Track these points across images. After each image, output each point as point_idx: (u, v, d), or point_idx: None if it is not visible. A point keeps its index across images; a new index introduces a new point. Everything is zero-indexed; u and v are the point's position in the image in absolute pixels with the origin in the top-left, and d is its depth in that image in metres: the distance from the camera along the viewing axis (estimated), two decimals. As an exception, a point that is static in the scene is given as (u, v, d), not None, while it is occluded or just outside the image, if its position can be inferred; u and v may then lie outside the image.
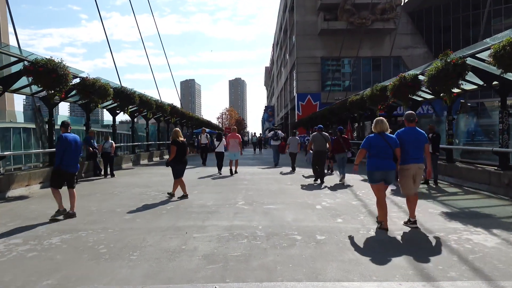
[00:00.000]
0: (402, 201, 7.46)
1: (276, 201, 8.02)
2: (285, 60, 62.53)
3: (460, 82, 9.47)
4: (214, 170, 14.81)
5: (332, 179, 12.04)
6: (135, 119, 20.53)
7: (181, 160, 8.87)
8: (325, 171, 12.16)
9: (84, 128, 17.18)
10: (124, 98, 14.28)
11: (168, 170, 9.42)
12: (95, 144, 13.78)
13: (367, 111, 18.09)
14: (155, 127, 26.78)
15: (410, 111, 6.05)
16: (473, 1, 48.16)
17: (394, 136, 5.77)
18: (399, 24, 46.48)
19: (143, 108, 17.22)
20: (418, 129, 5.88)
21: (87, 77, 11.74)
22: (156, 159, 23.49)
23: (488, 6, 24.98)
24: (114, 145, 13.62)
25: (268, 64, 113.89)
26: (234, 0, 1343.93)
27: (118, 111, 16.39)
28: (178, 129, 9.35)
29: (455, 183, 10.57)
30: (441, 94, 10.60)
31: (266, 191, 9.49)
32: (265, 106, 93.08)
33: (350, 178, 11.65)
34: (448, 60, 9.20)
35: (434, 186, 10.40)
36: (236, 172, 14.04)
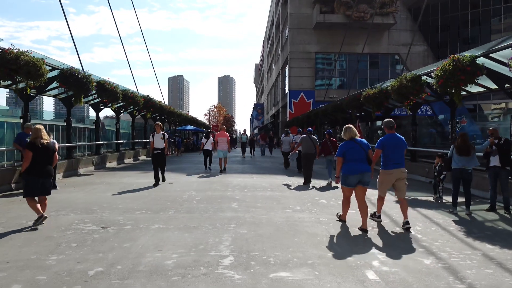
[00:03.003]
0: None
1: (289, 257, 4.59)
2: (277, 56, 59.42)
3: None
4: (195, 177, 11.41)
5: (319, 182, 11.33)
6: (101, 113, 17.03)
7: (40, 172, 6.00)
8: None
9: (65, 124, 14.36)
10: (74, 84, 10.70)
11: (135, 180, 9.55)
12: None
13: (382, 108, 14.88)
14: (129, 122, 23.28)
15: (389, 119, 6.27)
16: (472, 0, 45.77)
17: (364, 140, 6.18)
18: (398, 19, 43.92)
19: (105, 98, 13.67)
20: (398, 135, 6.17)
21: (9, 48, 8.19)
22: (128, 160, 19.92)
23: None
24: (56, 145, 10.07)
25: (258, 61, 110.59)
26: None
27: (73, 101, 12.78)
28: (40, 126, 6.33)
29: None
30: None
31: (268, 226, 6.09)
32: (255, 104, 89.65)
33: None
34: None
35: (507, 215, 7.25)
36: (225, 169, 14.98)
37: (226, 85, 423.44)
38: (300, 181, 11.88)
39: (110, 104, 14.53)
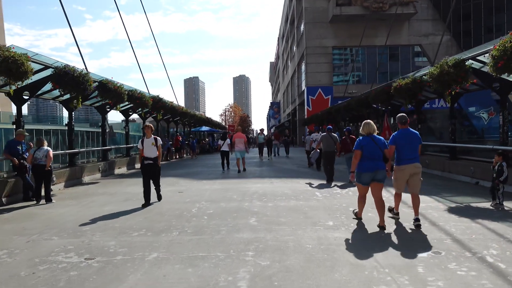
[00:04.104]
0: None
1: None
2: (292, 53, 57.82)
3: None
4: (214, 182, 10.13)
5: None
6: (108, 116, 15.90)
7: None
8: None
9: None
10: (70, 83, 9.49)
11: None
12: (25, 151, 9.15)
13: (414, 101, 13.25)
14: (139, 125, 22.20)
15: (402, 114, 6.18)
16: (495, -14, 43.26)
17: (382, 138, 6.02)
18: (418, 9, 41.85)
19: (109, 99, 12.49)
20: (412, 129, 6.09)
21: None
22: (139, 165, 18.78)
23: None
24: (51, 153, 8.92)
25: (273, 60, 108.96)
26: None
27: (75, 104, 11.60)
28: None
29: None
30: None
31: (296, 254, 4.64)
32: (271, 103, 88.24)
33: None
34: None
35: None
36: (244, 169, 14.96)
37: (241, 85, 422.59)
38: (327, 185, 10.48)
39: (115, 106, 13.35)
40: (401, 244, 5.05)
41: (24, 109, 10.49)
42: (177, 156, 25.86)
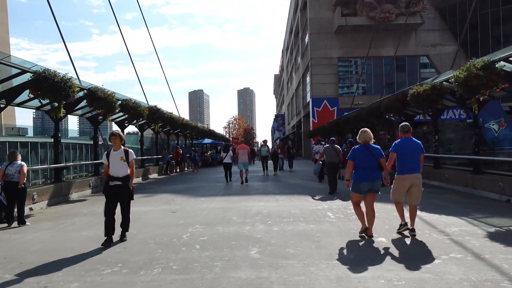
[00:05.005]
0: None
1: None
2: (297, 64, 57.03)
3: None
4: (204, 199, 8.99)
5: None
6: (99, 127, 14.85)
7: None
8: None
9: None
10: (50, 89, 8.41)
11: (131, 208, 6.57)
12: (-1, 167, 8.09)
13: (430, 110, 12.10)
14: (137, 137, 21.17)
15: (405, 123, 6.15)
16: (503, -5, 42.35)
17: (378, 147, 5.95)
18: (425, 18, 41.00)
19: (98, 108, 11.44)
20: (414, 139, 6.02)
21: None
22: (136, 180, 17.72)
23: None
24: (25, 168, 7.84)
25: (277, 72, 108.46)
26: (241, 12, 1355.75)
27: (60, 113, 10.51)
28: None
29: None
30: None
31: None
32: (275, 115, 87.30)
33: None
34: None
35: None
36: (247, 181, 14.90)
37: (246, 97, 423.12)
38: (338, 203, 9.31)
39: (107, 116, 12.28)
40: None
41: (28, 120, 9.53)
42: (178, 170, 24.78)
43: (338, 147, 12.06)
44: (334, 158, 11.56)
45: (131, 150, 6.31)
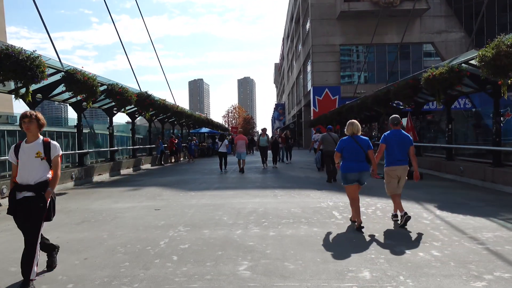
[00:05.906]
0: None
1: None
2: (298, 52, 55.55)
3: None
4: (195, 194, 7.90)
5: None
6: (85, 114, 13.73)
7: None
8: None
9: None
10: (12, 69, 7.24)
11: (111, 204, 6.96)
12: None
13: (444, 96, 10.93)
14: (129, 126, 19.98)
15: (395, 115, 6.23)
16: (510, -17, 40.84)
17: (366, 138, 5.91)
18: (431, 4, 39.53)
19: (78, 93, 10.30)
20: (403, 131, 6.14)
21: None
22: (126, 171, 16.63)
23: None
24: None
25: (277, 61, 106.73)
26: (242, 1, 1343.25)
27: (38, 99, 9.36)
28: None
29: None
30: None
31: None
32: (275, 104, 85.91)
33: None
34: None
35: None
36: (243, 171, 14.85)
37: (246, 86, 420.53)
38: (345, 200, 8.22)
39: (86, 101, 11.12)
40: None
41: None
42: (173, 160, 23.69)
43: (336, 135, 12.10)
44: (332, 146, 11.38)
45: (54, 142, 4.08)
